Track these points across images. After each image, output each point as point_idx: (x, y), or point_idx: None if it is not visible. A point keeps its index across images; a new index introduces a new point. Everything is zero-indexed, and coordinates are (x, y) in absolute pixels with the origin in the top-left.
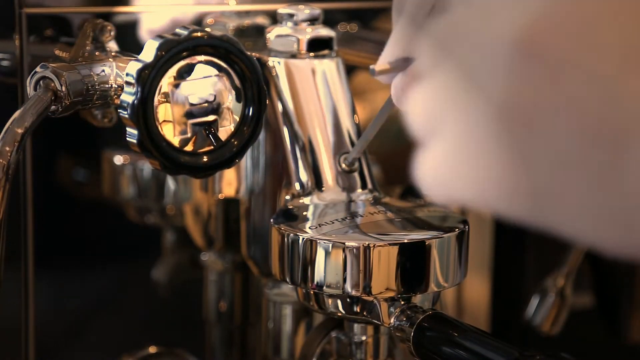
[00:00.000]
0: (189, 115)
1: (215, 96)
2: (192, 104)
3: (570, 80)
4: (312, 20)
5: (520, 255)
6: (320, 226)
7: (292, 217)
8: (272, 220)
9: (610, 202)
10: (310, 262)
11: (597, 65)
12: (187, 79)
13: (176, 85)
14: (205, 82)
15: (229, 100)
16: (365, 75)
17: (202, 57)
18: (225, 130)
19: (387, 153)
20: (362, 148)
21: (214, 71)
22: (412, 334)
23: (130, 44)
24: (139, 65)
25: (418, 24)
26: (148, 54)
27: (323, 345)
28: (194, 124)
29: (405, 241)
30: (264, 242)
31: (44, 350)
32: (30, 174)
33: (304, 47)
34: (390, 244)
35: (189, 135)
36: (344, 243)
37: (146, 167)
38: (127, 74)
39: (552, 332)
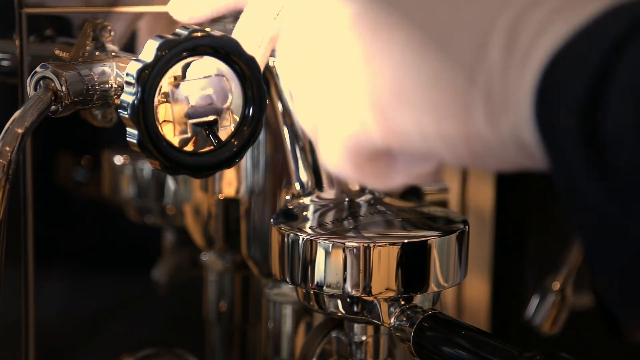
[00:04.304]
0: (189, 115)
1: (215, 96)
2: (192, 104)
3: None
4: None
5: (520, 255)
6: (320, 226)
7: (292, 217)
8: (272, 220)
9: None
10: (310, 262)
11: None
12: (187, 79)
13: (176, 85)
14: (205, 82)
15: (229, 100)
16: None
17: (202, 57)
18: (226, 130)
19: None
20: None
21: (214, 71)
22: (412, 334)
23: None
24: (139, 65)
25: None
26: (148, 54)
27: (323, 345)
28: (194, 124)
29: (406, 241)
30: (264, 242)
31: (44, 350)
32: (30, 174)
33: None
34: (390, 244)
35: (189, 135)
36: (344, 243)
37: (146, 167)
38: (127, 74)
39: (552, 332)
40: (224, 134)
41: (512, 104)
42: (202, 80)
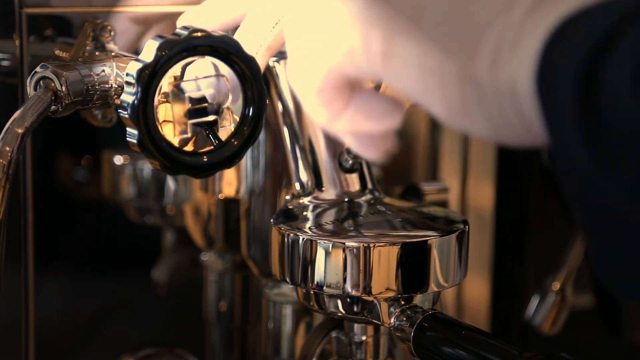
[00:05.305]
0: (189, 115)
1: (215, 96)
2: (192, 104)
3: None
4: None
5: (520, 255)
6: (320, 226)
7: (292, 217)
8: (272, 220)
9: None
10: (310, 262)
11: None
12: (187, 79)
13: (176, 85)
14: (205, 82)
15: (229, 100)
16: None
17: (202, 57)
18: (225, 130)
19: None
20: None
21: (214, 71)
22: (412, 334)
23: None
24: (139, 65)
25: None
26: (148, 54)
27: (323, 345)
28: (194, 124)
29: (406, 241)
30: (264, 242)
31: (44, 350)
32: (30, 174)
33: None
34: (390, 244)
35: (189, 135)
36: (344, 243)
37: (146, 167)
38: (127, 74)
39: (552, 332)
40: (224, 134)
41: (518, 54)
42: (202, 80)
